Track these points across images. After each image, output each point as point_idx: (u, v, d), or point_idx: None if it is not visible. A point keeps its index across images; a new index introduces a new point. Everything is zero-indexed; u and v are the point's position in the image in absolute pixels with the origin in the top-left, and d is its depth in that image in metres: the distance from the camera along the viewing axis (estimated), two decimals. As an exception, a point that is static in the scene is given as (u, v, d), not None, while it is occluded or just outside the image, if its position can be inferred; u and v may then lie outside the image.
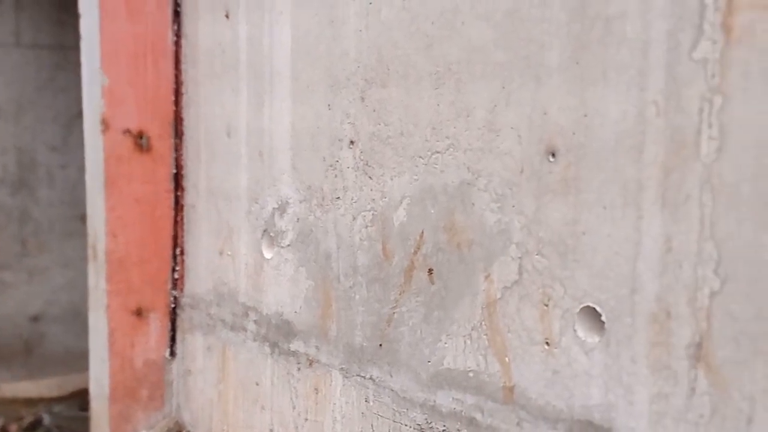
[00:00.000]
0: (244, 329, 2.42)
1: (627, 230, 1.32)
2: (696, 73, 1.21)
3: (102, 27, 2.60)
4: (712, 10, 1.18)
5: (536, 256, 1.48)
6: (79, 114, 2.88)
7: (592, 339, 1.40)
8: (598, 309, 1.38)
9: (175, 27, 2.72)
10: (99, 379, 2.84)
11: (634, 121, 1.30)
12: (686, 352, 1.25)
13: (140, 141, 2.69)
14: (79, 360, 4.00)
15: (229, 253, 2.50)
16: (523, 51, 1.48)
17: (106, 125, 2.65)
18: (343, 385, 2.00)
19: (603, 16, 1.34)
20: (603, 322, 1.37)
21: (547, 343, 1.47)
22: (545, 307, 1.47)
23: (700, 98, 1.21)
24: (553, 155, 1.44)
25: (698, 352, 1.24)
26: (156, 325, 2.83)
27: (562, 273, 1.44)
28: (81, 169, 2.95)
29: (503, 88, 1.53)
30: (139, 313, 2.79)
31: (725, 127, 1.18)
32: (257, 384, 2.37)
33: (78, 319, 4.55)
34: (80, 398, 3.97)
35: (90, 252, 2.80)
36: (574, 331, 1.42)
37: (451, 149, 1.65)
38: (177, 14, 2.71)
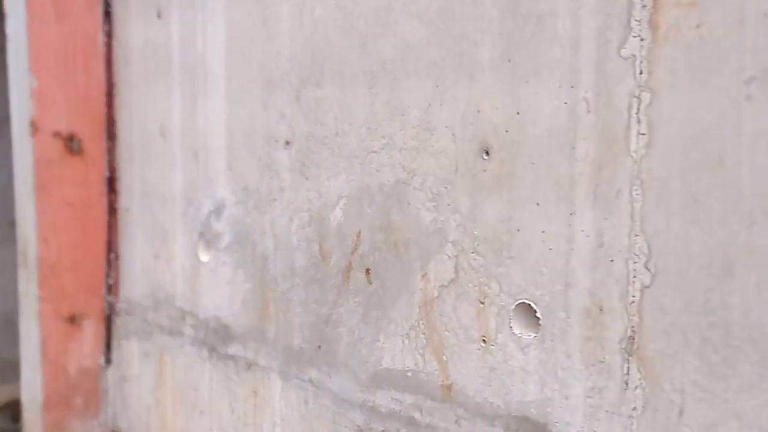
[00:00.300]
0: (182, 334, 2.39)
1: (560, 226, 1.33)
2: (625, 70, 1.23)
3: (29, 27, 2.55)
4: (639, 7, 1.20)
5: (472, 254, 1.49)
6: (7, 117, 2.81)
7: (528, 335, 1.40)
8: (533, 305, 1.39)
9: (106, 27, 2.67)
10: (32, 388, 2.77)
11: (566, 117, 1.31)
12: (619, 346, 1.26)
13: (71, 144, 2.64)
14: (12, 369, 3.91)
15: (165, 256, 2.46)
16: (456, 49, 1.49)
17: (35, 128, 2.59)
18: (282, 387, 1.98)
19: (535, 13, 1.35)
20: (538, 318, 1.38)
21: (483, 341, 1.48)
22: (481, 305, 1.48)
23: (629, 95, 1.22)
24: (487, 153, 1.44)
25: (631, 346, 1.25)
26: (90, 331, 2.78)
27: (497, 270, 1.44)
28: (10, 173, 2.89)
29: (437, 86, 1.53)
30: (72, 319, 2.73)
31: (653, 123, 1.19)
32: (196, 389, 2.34)
33: (9, 327, 4.45)
34: (12, 409, 3.88)
35: (20, 258, 2.74)
36: (510, 327, 1.43)
37: (387, 148, 1.65)
38: (108, 14, 2.67)
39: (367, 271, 1.72)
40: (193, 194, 2.29)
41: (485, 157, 1.45)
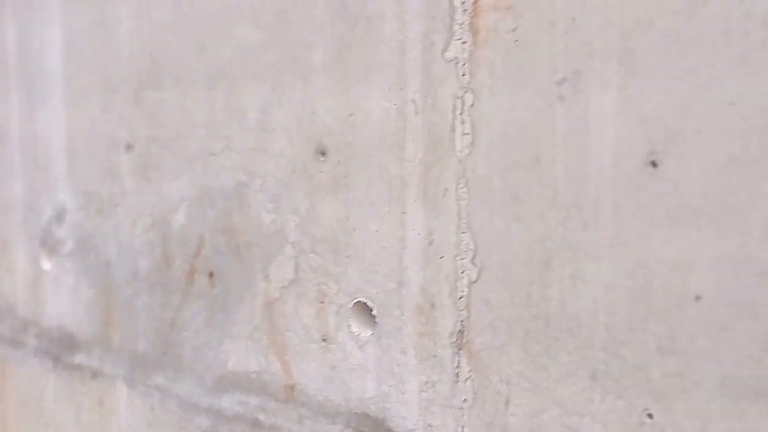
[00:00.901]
0: (24, 344, 2.31)
1: (393, 225, 1.36)
2: (449, 72, 1.26)
3: None
4: (460, 11, 1.24)
5: (311, 255, 1.50)
6: None
7: (365, 333, 1.43)
8: (369, 303, 1.41)
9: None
10: None
11: (396, 119, 1.34)
12: (450, 341, 1.30)
13: None
14: None
15: (6, 266, 2.38)
16: (291, 52, 1.50)
17: None
18: (128, 395, 1.94)
19: (364, 15, 1.37)
20: (374, 316, 1.40)
21: (324, 340, 1.49)
22: (321, 305, 1.49)
23: (453, 96, 1.26)
24: (323, 154, 1.46)
25: (460, 340, 1.29)
26: (-72, 345, 2.65)
27: (335, 270, 1.46)
28: None
29: (274, 88, 1.54)
30: None
31: (476, 123, 1.24)
32: (40, 401, 2.26)
33: None
34: None
35: None
36: (349, 326, 1.45)
37: (227, 151, 1.64)
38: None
39: (211, 274, 1.71)
40: (33, 201, 2.22)
41: (321, 159, 1.46)
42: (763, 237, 0.98)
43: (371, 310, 1.41)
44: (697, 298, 1.04)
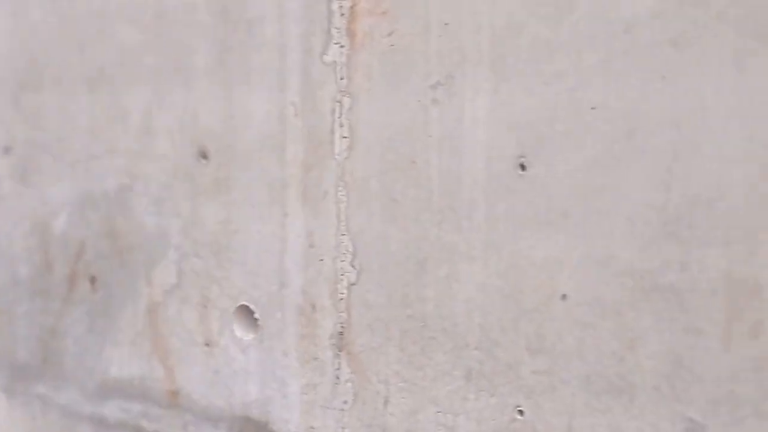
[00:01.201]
0: None
1: (274, 227, 1.36)
2: (327, 75, 1.27)
3: None
4: (338, 15, 1.25)
5: (194, 258, 1.49)
6: None
7: (248, 336, 1.42)
8: (251, 307, 1.41)
9: None
10: None
11: (276, 121, 1.34)
12: (330, 342, 1.31)
13: None
14: None
15: None
16: (172, 54, 1.48)
17: None
18: (9, 406, 1.89)
19: (244, 19, 1.37)
20: (257, 320, 1.40)
21: (207, 344, 1.48)
22: (204, 309, 1.48)
23: (332, 99, 1.27)
24: (205, 157, 1.45)
25: (341, 342, 1.30)
26: None
27: (218, 273, 1.45)
28: None
29: (156, 91, 1.52)
30: None
31: (354, 126, 1.25)
32: None
33: None
34: None
35: None
36: (232, 330, 1.44)
37: (109, 154, 1.62)
38: None
39: (93, 279, 1.68)
40: None
41: (204, 161, 1.45)
42: (626, 238, 1.01)
43: (253, 313, 1.40)
44: (564, 297, 1.07)
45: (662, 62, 0.97)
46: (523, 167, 1.09)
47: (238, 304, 1.43)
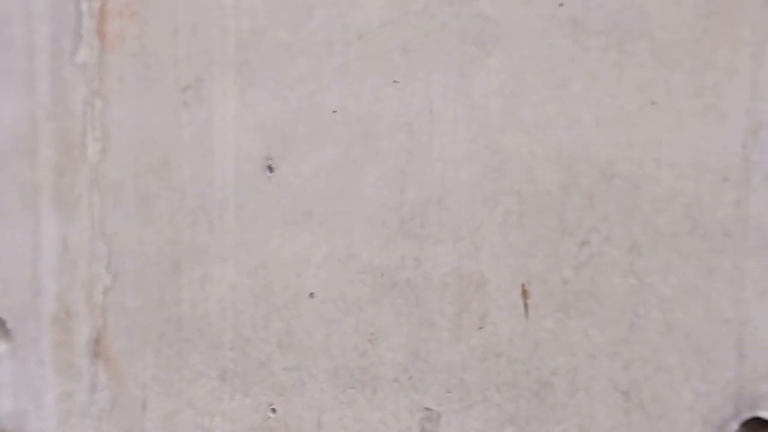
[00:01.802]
0: None
1: (27, 234, 1.32)
2: (78, 77, 1.25)
3: None
4: (87, 16, 1.23)
5: (-57, 267, 1.42)
6: None
7: (1, 348, 1.37)
8: (3, 316, 1.35)
9: None
10: None
11: (27, 125, 1.30)
12: (86, 349, 1.28)
13: None
14: None
15: None
16: None
17: None
18: None
19: (-8, 18, 1.32)
20: (9, 329, 1.35)
21: (-41, 357, 1.42)
22: (-45, 320, 1.41)
23: (84, 102, 1.25)
24: (-46, 161, 1.39)
25: (97, 348, 1.27)
26: None
27: (-30, 282, 1.39)
28: None
29: None
30: None
31: (107, 128, 1.23)
32: None
33: None
34: None
35: None
36: (-15, 341, 1.39)
37: None
38: None
39: None
40: None
41: (-48, 166, 1.39)
42: (365, 237, 1.06)
43: (5, 322, 1.35)
44: (311, 295, 1.10)
45: (394, 68, 1.02)
46: (270, 169, 1.11)
47: (-8, 314, 1.38)
